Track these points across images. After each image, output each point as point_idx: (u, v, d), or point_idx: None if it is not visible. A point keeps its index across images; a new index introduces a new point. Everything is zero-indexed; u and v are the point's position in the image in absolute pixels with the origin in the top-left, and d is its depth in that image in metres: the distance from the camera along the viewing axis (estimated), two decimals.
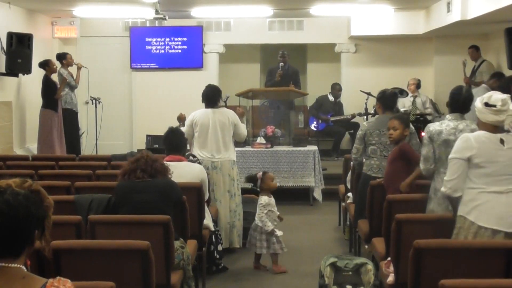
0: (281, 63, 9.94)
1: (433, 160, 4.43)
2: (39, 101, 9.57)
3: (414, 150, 5.14)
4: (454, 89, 4.59)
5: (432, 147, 4.42)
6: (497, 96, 3.71)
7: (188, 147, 6.57)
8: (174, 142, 5.49)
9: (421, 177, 5.05)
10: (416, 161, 4.90)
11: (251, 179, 6.15)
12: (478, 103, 3.77)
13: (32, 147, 9.99)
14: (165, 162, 4.78)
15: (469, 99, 4.50)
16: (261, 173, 6.06)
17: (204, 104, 6.45)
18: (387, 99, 5.73)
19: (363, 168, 5.67)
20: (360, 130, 5.73)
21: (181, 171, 5.17)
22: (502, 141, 3.68)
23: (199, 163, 5.90)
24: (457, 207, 3.82)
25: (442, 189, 3.84)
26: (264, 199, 5.89)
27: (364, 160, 5.73)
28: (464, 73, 9.81)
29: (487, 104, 3.69)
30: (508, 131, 3.77)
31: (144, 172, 4.34)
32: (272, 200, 5.94)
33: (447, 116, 4.52)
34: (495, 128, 3.72)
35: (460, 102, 4.46)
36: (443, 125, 4.42)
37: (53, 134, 9.40)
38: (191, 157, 5.97)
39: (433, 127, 4.45)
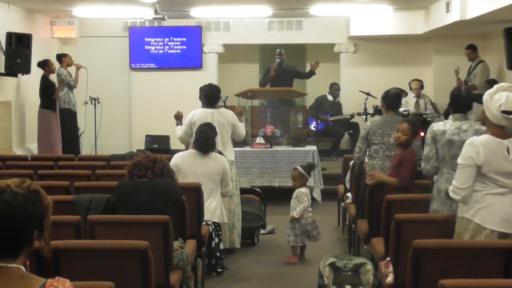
0: (278, 60, 9.94)
1: (434, 161, 4.42)
2: (38, 101, 9.57)
3: (412, 164, 5.03)
4: (454, 91, 4.58)
5: (434, 147, 4.41)
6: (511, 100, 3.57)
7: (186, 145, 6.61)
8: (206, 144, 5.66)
9: (420, 177, 5.06)
10: (404, 177, 4.96)
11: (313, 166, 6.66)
12: (490, 105, 3.62)
13: (32, 147, 9.99)
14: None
15: (470, 98, 4.49)
16: None
17: (202, 102, 6.46)
18: (390, 99, 5.72)
19: (365, 168, 5.65)
20: (363, 130, 5.71)
21: (206, 161, 5.54)
22: (508, 150, 3.59)
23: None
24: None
25: (453, 195, 3.71)
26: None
27: (366, 160, 5.71)
28: (458, 78, 9.79)
29: (504, 112, 3.56)
30: None
31: (147, 171, 4.34)
32: None
33: (450, 116, 4.50)
34: (503, 129, 3.64)
35: (461, 103, 4.45)
36: (447, 125, 4.40)
37: (51, 134, 9.41)
38: (216, 152, 5.97)
39: (436, 127, 4.43)
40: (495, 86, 3.69)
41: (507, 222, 3.58)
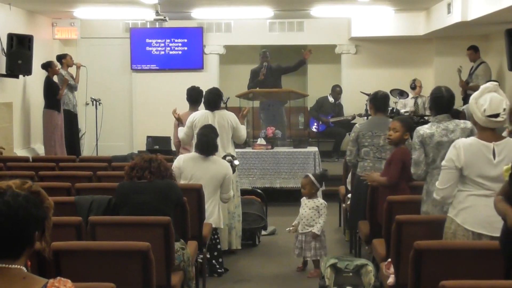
0: (265, 63, 9.93)
1: (424, 165, 4.36)
2: (40, 102, 9.58)
3: (400, 161, 4.95)
4: (435, 91, 4.51)
5: (423, 152, 4.33)
6: (496, 103, 3.56)
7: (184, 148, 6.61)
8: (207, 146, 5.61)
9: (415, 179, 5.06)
10: (391, 175, 4.93)
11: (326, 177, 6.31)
12: (475, 109, 3.62)
13: (36, 147, 10.00)
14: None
15: (451, 98, 4.45)
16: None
17: (204, 106, 6.48)
18: (378, 101, 5.72)
19: (356, 170, 5.65)
20: (353, 132, 5.69)
21: (207, 165, 5.47)
22: (494, 152, 3.57)
23: (233, 162, 5.95)
24: None
25: (435, 195, 3.81)
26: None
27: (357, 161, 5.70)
28: (460, 79, 9.81)
29: (489, 116, 3.55)
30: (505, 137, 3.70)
31: (144, 171, 4.35)
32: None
33: (433, 118, 4.43)
34: (493, 131, 3.64)
35: (444, 103, 4.39)
36: (433, 128, 4.34)
37: (58, 134, 9.43)
38: (230, 157, 5.97)
39: (423, 130, 4.34)
40: (481, 88, 3.66)
41: (490, 224, 3.52)
